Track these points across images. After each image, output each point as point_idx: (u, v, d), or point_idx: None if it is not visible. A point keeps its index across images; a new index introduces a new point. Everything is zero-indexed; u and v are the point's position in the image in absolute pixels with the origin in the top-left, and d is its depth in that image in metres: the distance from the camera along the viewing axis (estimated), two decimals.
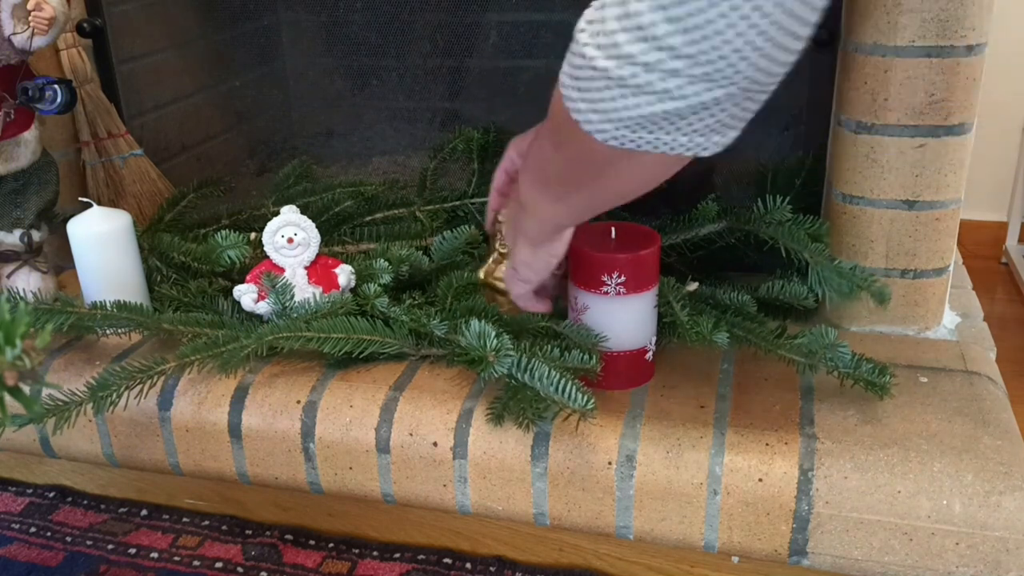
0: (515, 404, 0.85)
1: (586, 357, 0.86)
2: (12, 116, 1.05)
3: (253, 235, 1.05)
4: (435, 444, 0.89)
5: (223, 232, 1.05)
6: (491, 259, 1.03)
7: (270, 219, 1.00)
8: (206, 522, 1.03)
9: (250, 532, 1.02)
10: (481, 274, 1.02)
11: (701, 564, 0.92)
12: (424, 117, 1.42)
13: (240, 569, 0.96)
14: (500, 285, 1.01)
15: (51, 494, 1.09)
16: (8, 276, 1.11)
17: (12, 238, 1.10)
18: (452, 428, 0.89)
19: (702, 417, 0.87)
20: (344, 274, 1.01)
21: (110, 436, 0.99)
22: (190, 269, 1.08)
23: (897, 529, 0.79)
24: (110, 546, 1.01)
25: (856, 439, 0.83)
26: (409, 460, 0.90)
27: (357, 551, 0.98)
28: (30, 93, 1.04)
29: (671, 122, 0.55)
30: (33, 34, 1.01)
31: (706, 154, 0.58)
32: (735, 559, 0.90)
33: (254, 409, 0.94)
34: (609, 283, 0.87)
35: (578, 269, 0.90)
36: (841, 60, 0.98)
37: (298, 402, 0.93)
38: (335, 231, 1.16)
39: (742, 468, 0.82)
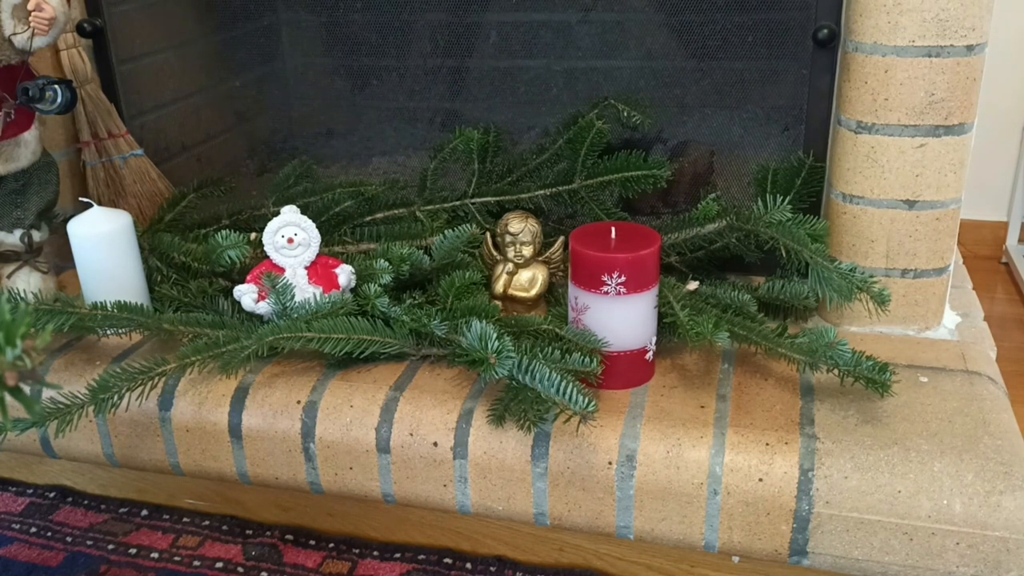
0: (516, 406, 0.85)
1: (587, 360, 0.86)
2: (12, 116, 1.05)
3: (253, 235, 1.05)
4: (435, 444, 0.89)
5: (223, 232, 1.05)
6: (505, 271, 1.03)
7: (270, 219, 1.00)
8: (206, 522, 1.03)
9: (250, 532, 1.02)
10: (499, 288, 1.02)
11: (701, 564, 0.92)
12: (424, 117, 1.42)
13: (240, 569, 0.96)
14: (520, 294, 1.02)
15: (51, 494, 1.09)
16: (8, 276, 1.11)
17: (12, 238, 1.10)
18: (452, 428, 0.89)
19: (702, 417, 0.87)
20: (344, 274, 1.01)
21: (111, 436, 0.99)
22: (190, 269, 1.08)
23: (897, 529, 0.79)
24: (110, 546, 1.01)
25: (856, 439, 0.83)
26: (409, 460, 0.90)
27: (357, 551, 0.98)
28: (30, 93, 1.04)
29: None
30: (33, 34, 1.01)
31: None
32: (735, 559, 0.90)
33: (254, 409, 0.94)
34: (609, 283, 0.87)
35: (578, 269, 0.90)
36: (841, 60, 0.98)
37: (298, 402, 0.93)
38: (335, 231, 1.16)
39: (742, 468, 0.82)
